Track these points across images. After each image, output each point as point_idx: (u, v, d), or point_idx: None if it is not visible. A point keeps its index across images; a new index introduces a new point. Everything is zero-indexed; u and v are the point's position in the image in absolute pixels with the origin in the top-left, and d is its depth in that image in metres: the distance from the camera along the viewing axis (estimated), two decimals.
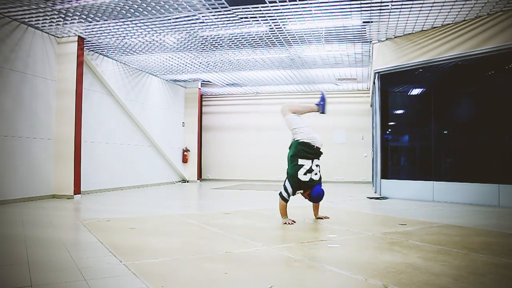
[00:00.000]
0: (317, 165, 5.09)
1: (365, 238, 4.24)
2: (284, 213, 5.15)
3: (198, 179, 14.72)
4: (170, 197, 9.36)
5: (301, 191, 5.12)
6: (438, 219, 5.56)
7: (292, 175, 5.02)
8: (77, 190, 8.35)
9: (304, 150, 5.05)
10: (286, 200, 5.10)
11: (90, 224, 5.01)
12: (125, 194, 9.59)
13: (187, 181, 14.33)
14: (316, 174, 5.06)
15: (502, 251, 3.58)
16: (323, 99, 5.47)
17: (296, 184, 5.01)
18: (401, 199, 8.31)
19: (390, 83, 9.12)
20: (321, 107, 5.45)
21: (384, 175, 9.00)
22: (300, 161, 5.01)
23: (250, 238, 4.17)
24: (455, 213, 6.23)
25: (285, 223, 5.05)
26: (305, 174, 4.99)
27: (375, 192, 9.53)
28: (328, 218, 5.48)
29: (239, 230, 4.65)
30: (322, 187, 5.13)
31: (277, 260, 3.33)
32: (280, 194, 5.10)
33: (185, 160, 14.43)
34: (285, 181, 5.11)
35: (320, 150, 5.15)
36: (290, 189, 5.02)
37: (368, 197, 8.71)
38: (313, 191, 5.07)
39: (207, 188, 11.73)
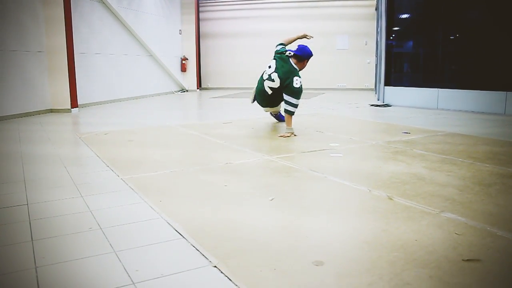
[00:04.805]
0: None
1: (368, 147, 4.16)
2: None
3: (197, 88, 14.48)
4: (169, 108, 9.23)
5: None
6: (442, 127, 5.45)
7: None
8: (74, 103, 8.17)
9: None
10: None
11: (88, 138, 4.92)
12: (123, 106, 9.44)
13: (187, 91, 14.11)
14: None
15: (508, 160, 3.49)
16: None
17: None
18: (404, 107, 8.15)
19: None
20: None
21: (388, 82, 8.76)
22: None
23: (250, 148, 4.10)
24: (460, 121, 6.11)
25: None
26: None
27: (378, 100, 9.36)
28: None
29: (239, 140, 4.56)
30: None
31: (278, 171, 3.26)
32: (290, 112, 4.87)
33: (183, 69, 14.07)
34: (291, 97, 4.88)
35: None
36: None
37: (371, 105, 8.56)
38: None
39: (206, 97, 11.56)
